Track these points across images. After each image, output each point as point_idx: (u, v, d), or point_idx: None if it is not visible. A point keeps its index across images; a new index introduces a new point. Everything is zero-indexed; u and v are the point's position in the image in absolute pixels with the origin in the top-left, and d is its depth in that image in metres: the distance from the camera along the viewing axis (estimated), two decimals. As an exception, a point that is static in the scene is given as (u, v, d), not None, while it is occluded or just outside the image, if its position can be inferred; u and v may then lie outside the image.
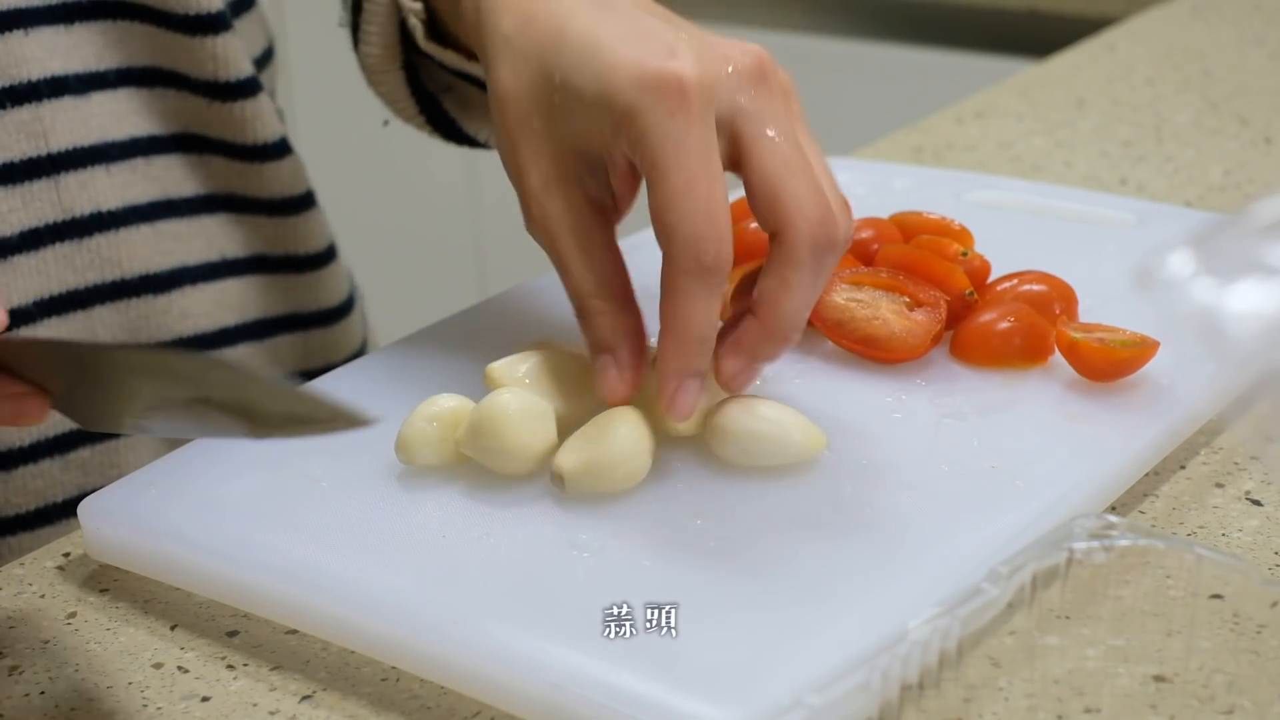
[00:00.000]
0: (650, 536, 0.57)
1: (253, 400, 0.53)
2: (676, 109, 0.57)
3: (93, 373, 0.56)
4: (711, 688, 0.50)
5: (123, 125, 0.78)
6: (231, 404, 0.53)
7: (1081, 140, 1.07)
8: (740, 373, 0.61)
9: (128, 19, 0.77)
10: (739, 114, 0.59)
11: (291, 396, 0.54)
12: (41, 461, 0.77)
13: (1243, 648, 0.53)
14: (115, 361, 0.56)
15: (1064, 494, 0.59)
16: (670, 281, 0.58)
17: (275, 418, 0.53)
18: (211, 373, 0.54)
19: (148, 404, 0.56)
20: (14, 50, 0.73)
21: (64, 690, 0.56)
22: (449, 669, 0.53)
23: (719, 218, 0.57)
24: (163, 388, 0.55)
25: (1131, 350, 0.66)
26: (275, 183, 0.84)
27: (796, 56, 1.97)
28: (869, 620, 0.52)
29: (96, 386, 0.57)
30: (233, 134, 0.81)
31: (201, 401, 0.54)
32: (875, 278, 0.70)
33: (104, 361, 0.56)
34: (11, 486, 0.76)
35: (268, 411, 0.53)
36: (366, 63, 0.79)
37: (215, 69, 0.79)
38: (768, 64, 0.60)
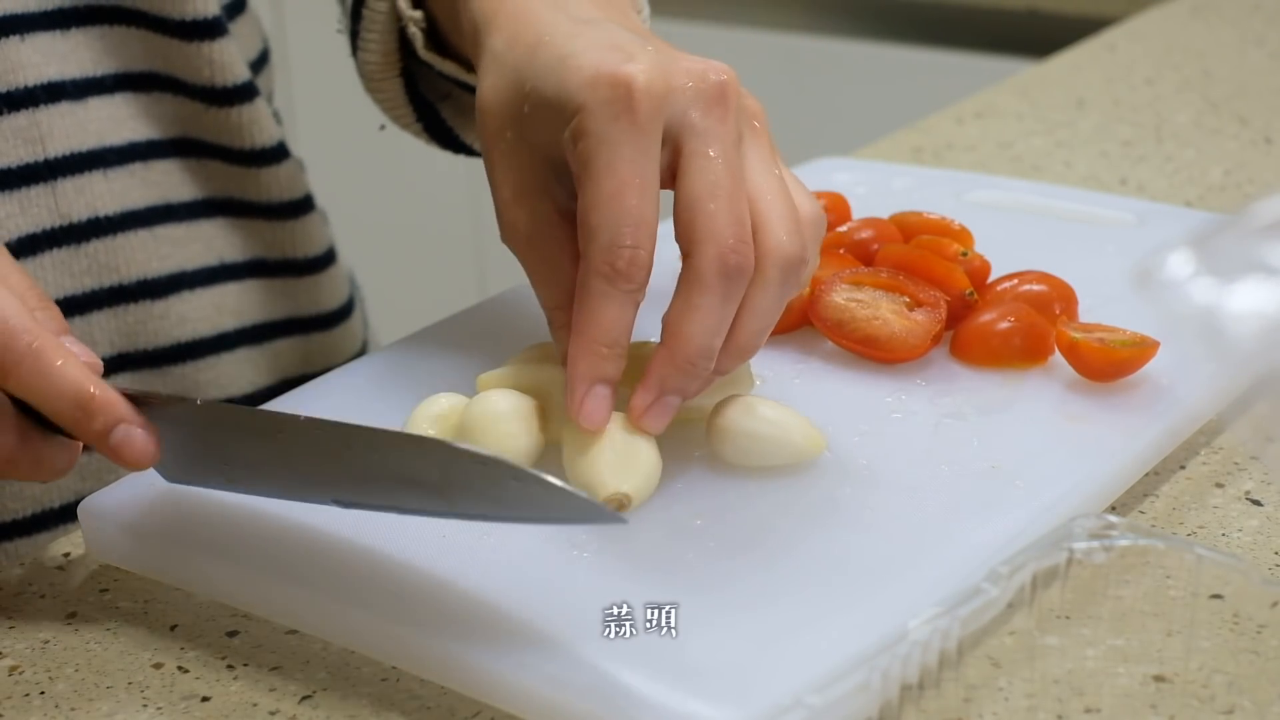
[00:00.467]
0: (650, 536, 0.57)
1: (478, 484, 0.52)
2: (622, 112, 0.57)
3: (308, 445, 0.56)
4: (711, 688, 0.50)
5: (120, 130, 0.78)
6: (441, 485, 0.53)
7: (1081, 140, 1.07)
8: (648, 407, 0.59)
9: (124, 24, 0.77)
10: (685, 129, 0.59)
11: (539, 489, 0.52)
12: None
13: (1243, 648, 0.53)
14: (369, 440, 0.55)
15: (1064, 494, 0.59)
16: (585, 284, 0.58)
17: (506, 503, 0.52)
18: (448, 457, 0.53)
19: (351, 479, 0.55)
20: (10, 56, 0.73)
21: (64, 690, 0.56)
22: (449, 669, 0.53)
23: (642, 228, 0.57)
24: (384, 467, 0.54)
25: (1131, 350, 0.66)
26: (273, 187, 0.84)
27: (796, 56, 1.97)
28: (869, 620, 0.52)
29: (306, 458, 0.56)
30: (230, 139, 0.81)
31: (407, 481, 0.54)
32: (875, 278, 0.70)
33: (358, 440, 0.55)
34: (8, 492, 0.76)
35: (497, 498, 0.52)
36: (365, 70, 0.79)
37: (212, 74, 0.79)
38: (731, 87, 0.59)
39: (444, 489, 0.53)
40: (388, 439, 0.54)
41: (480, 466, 0.52)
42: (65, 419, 0.56)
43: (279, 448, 0.57)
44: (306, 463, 0.56)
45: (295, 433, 0.56)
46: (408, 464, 0.54)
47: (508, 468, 0.52)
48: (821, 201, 0.81)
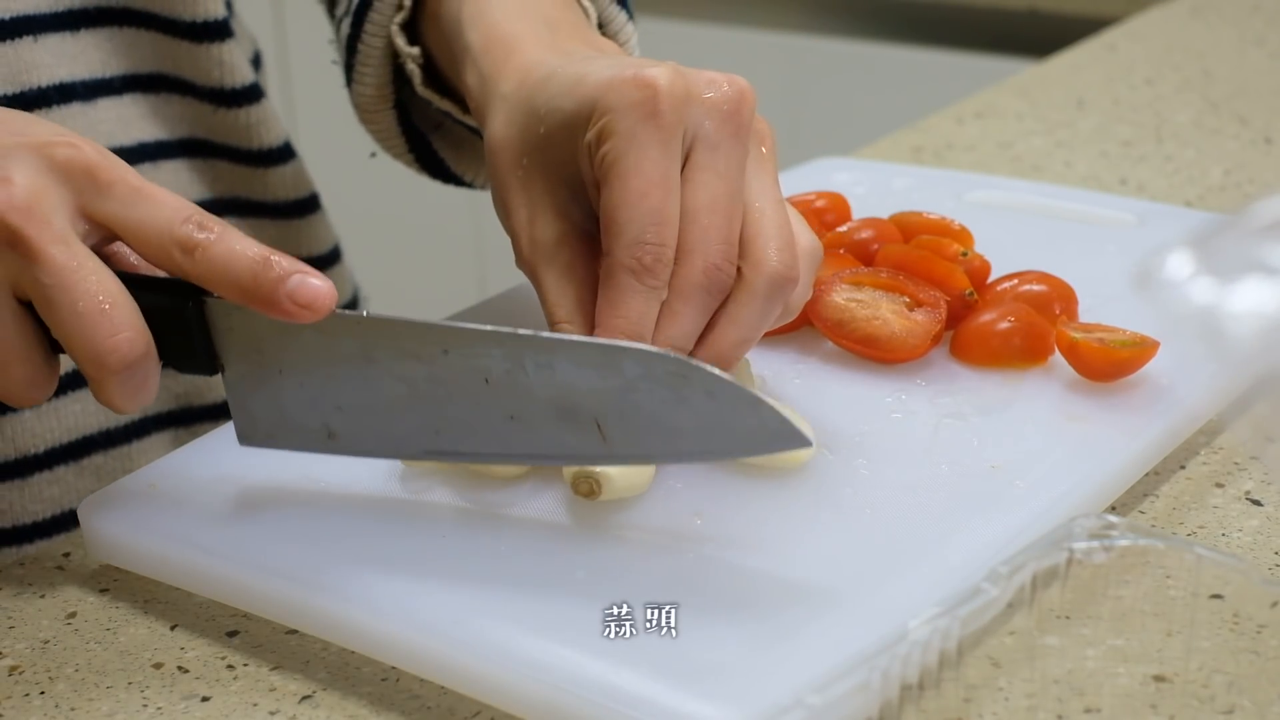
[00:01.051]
0: (650, 536, 0.57)
1: (660, 405, 0.52)
2: (649, 113, 0.59)
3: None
4: (711, 688, 0.50)
5: (129, 131, 0.78)
6: (607, 412, 0.53)
7: (1081, 140, 1.07)
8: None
9: (133, 26, 0.78)
10: (699, 139, 0.60)
11: (742, 403, 0.52)
12: (57, 468, 0.77)
13: (1243, 648, 0.53)
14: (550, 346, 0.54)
15: (1064, 494, 0.59)
16: (610, 278, 0.59)
17: (683, 432, 0.53)
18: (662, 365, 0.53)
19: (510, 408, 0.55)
20: (24, 57, 0.73)
21: (64, 690, 0.56)
22: (449, 669, 0.53)
23: (667, 226, 0.58)
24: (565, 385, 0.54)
25: (1131, 350, 0.66)
26: (280, 187, 0.84)
27: (796, 56, 1.97)
28: (869, 620, 0.52)
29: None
30: (238, 139, 0.81)
31: (564, 411, 0.54)
32: (875, 278, 0.70)
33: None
34: (28, 494, 0.76)
35: (676, 425, 0.52)
36: (359, 102, 0.80)
37: (221, 76, 0.80)
38: (748, 102, 0.61)
39: (609, 420, 0.53)
40: (575, 350, 0.54)
41: (677, 380, 0.52)
42: (246, 281, 0.56)
43: (430, 374, 0.56)
44: (450, 396, 0.56)
45: (462, 349, 0.55)
46: (581, 382, 0.53)
47: (707, 378, 0.52)
48: (823, 201, 0.82)
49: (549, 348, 0.54)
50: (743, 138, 0.61)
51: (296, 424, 0.59)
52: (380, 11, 0.76)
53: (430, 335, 0.56)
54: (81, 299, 0.55)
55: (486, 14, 0.69)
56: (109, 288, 0.56)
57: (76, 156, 0.56)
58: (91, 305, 0.55)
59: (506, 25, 0.68)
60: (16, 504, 0.76)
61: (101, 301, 0.55)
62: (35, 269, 0.55)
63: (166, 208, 0.57)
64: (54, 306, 0.55)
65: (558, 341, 0.55)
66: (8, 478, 0.75)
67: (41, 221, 0.55)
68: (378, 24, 0.76)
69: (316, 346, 0.57)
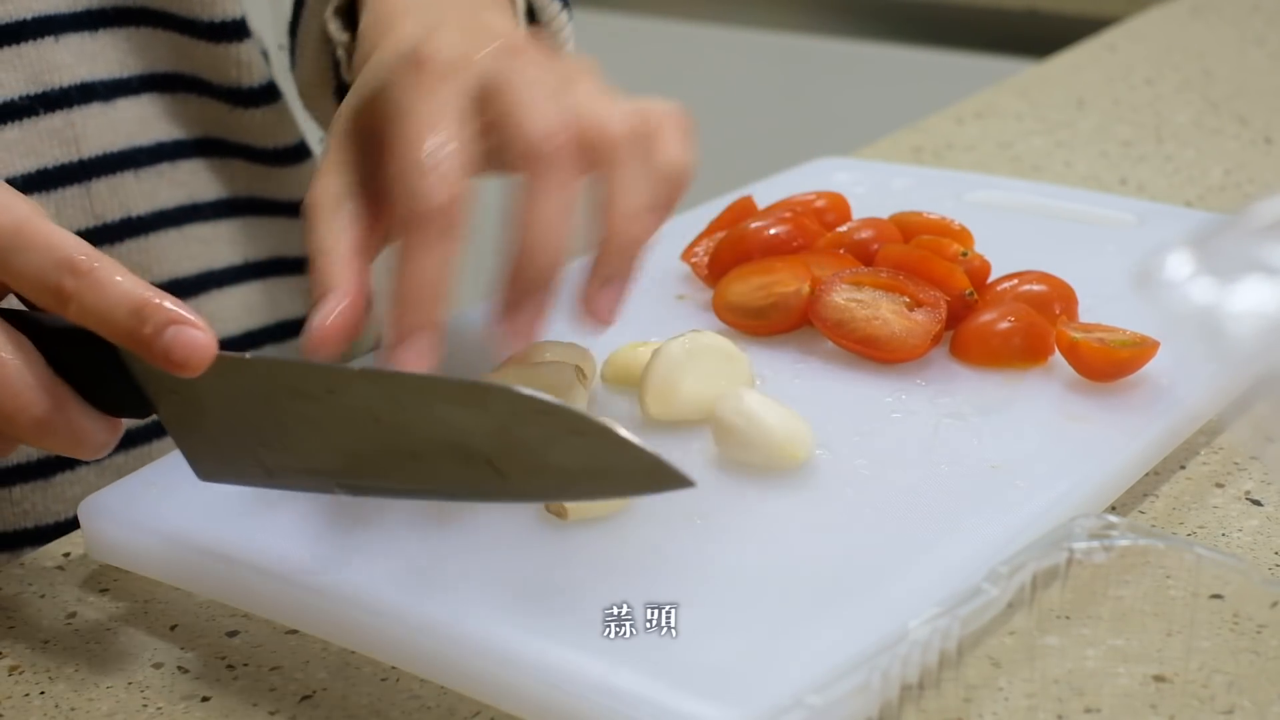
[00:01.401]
0: (650, 536, 0.57)
1: (536, 444, 0.51)
2: (418, 80, 0.58)
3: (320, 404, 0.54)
4: (711, 688, 0.50)
5: (148, 131, 0.78)
6: (495, 450, 0.51)
7: (1081, 140, 1.07)
8: (517, 310, 0.58)
9: (150, 25, 0.78)
10: (497, 80, 0.58)
11: (609, 443, 0.50)
12: (79, 468, 0.77)
13: (1243, 648, 0.53)
14: (415, 387, 0.53)
15: (1064, 494, 0.59)
16: (401, 237, 0.57)
17: (566, 471, 0.51)
18: (523, 407, 0.51)
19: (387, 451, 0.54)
20: (46, 57, 0.74)
21: (64, 690, 0.56)
22: (449, 669, 0.53)
23: (443, 172, 0.56)
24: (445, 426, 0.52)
25: (1131, 350, 0.66)
26: (294, 186, 0.85)
27: (796, 56, 1.97)
28: (869, 620, 0.52)
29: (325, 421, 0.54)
30: (254, 138, 0.82)
31: (455, 449, 0.52)
32: (875, 278, 0.70)
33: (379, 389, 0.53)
34: (51, 494, 0.76)
35: (557, 463, 0.51)
36: (300, 87, 0.80)
37: (239, 75, 0.80)
38: (530, 45, 0.60)
39: (500, 458, 0.52)
40: (444, 389, 0.52)
41: (542, 417, 0.50)
42: (122, 330, 0.53)
43: (325, 410, 0.54)
44: (351, 435, 0.54)
45: (344, 390, 0.54)
46: (461, 421, 0.52)
47: (571, 417, 0.50)
48: (823, 201, 0.82)
49: (421, 386, 0.53)
50: (539, 64, 0.59)
51: (234, 461, 0.57)
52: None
53: (312, 375, 0.55)
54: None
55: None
56: (1, 351, 0.54)
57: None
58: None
59: (392, 4, 0.67)
60: (40, 504, 0.76)
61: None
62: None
63: (42, 250, 0.54)
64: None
65: (428, 380, 0.53)
66: (31, 478, 0.76)
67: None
68: (314, 10, 0.76)
69: (218, 387, 0.55)
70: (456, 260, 0.57)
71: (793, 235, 0.76)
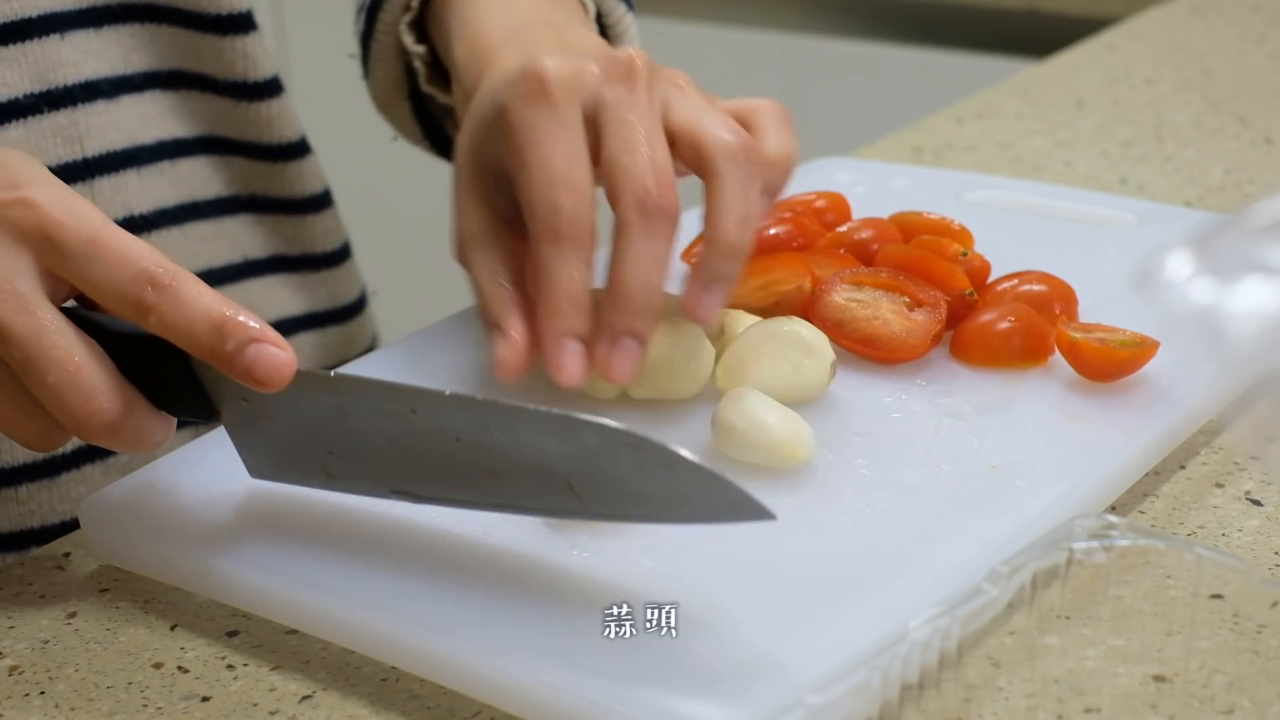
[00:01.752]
0: (650, 536, 0.57)
1: (624, 474, 0.53)
2: (536, 99, 0.61)
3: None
4: (711, 688, 0.50)
5: (150, 128, 0.78)
6: (577, 475, 0.53)
7: (1081, 140, 1.07)
8: (606, 353, 0.61)
9: (155, 21, 0.79)
10: (600, 107, 0.62)
11: (700, 479, 0.52)
12: (84, 467, 0.77)
13: (1243, 648, 0.53)
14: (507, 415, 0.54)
15: (1064, 494, 0.59)
16: (537, 256, 0.60)
17: (648, 499, 0.53)
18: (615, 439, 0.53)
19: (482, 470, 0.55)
20: (51, 55, 0.74)
21: (64, 690, 0.56)
22: (449, 669, 0.53)
23: (576, 191, 0.60)
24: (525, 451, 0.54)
25: (1131, 350, 0.66)
26: (295, 182, 0.85)
27: (796, 56, 1.97)
28: (869, 620, 0.52)
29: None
30: (257, 134, 0.82)
31: (536, 471, 0.54)
32: (875, 278, 0.70)
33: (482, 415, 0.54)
34: (56, 493, 0.76)
35: (639, 491, 0.53)
36: (375, 94, 0.83)
37: (245, 69, 0.81)
38: (638, 63, 0.63)
39: (580, 482, 0.54)
40: (535, 419, 0.54)
41: (634, 451, 0.52)
42: (202, 345, 0.55)
43: (404, 429, 0.56)
44: (428, 450, 0.56)
45: (429, 412, 0.55)
46: (547, 447, 0.54)
47: (663, 452, 0.52)
48: (823, 201, 0.82)
49: (510, 415, 0.54)
50: (640, 89, 0.62)
51: (295, 465, 0.59)
52: (389, 11, 0.78)
53: (398, 396, 0.56)
54: (50, 370, 0.55)
55: (470, 25, 0.71)
56: (78, 353, 0.55)
57: (27, 217, 0.55)
58: (60, 376, 0.55)
59: (484, 36, 0.70)
60: (45, 504, 0.76)
61: (69, 370, 0.55)
62: (3, 342, 0.55)
63: (119, 263, 0.55)
64: (27, 378, 0.55)
65: (518, 410, 0.54)
66: (36, 478, 0.76)
67: (3, 294, 0.54)
68: (387, 23, 0.79)
69: (295, 400, 0.57)
70: (589, 273, 0.61)
71: (793, 235, 0.76)
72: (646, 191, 0.60)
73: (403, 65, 0.81)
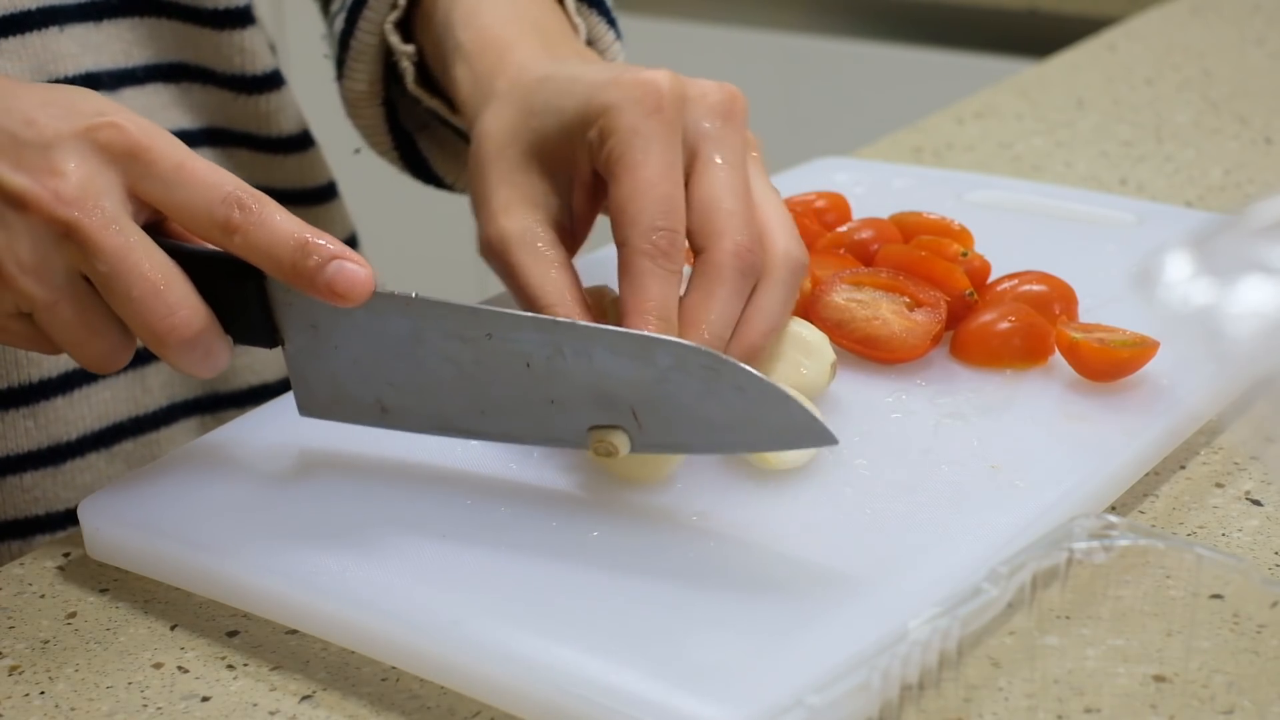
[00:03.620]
0: (650, 536, 0.57)
1: (692, 397, 0.54)
2: (653, 111, 0.61)
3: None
4: (711, 688, 0.50)
5: (154, 121, 0.79)
6: (642, 401, 0.55)
7: (1081, 140, 1.07)
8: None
9: (155, 15, 0.79)
10: (700, 136, 0.62)
11: (769, 400, 0.54)
12: (89, 454, 0.77)
13: (1243, 648, 0.53)
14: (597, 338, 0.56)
15: (1064, 494, 0.59)
16: (630, 265, 0.60)
17: (712, 424, 0.55)
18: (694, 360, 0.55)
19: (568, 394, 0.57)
20: (51, 47, 0.74)
21: (64, 690, 0.56)
22: (449, 669, 0.53)
23: (677, 213, 0.60)
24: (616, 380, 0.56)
25: (1131, 350, 0.66)
26: (299, 174, 0.85)
27: (797, 56, 1.97)
28: (869, 620, 0.52)
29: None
30: (258, 126, 0.82)
31: (599, 397, 0.56)
32: (875, 278, 0.70)
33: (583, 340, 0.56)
34: (60, 481, 0.77)
35: (705, 416, 0.55)
36: (349, 96, 0.81)
37: (243, 63, 0.81)
38: (740, 104, 0.64)
39: (644, 409, 0.56)
40: (612, 339, 0.56)
41: (708, 372, 0.54)
42: (285, 263, 0.57)
43: (476, 353, 0.58)
44: (495, 377, 0.58)
45: (505, 335, 0.57)
46: (618, 371, 0.56)
47: (737, 372, 0.54)
48: (823, 201, 0.82)
49: (588, 335, 0.56)
50: (740, 133, 0.63)
51: (351, 398, 0.61)
52: (375, 9, 0.77)
53: (475, 319, 0.58)
54: (136, 284, 0.57)
55: (478, 16, 0.71)
56: (162, 270, 0.57)
57: (118, 138, 0.57)
58: (145, 289, 0.57)
59: (499, 28, 0.70)
60: (49, 491, 0.77)
61: (155, 284, 0.57)
62: (91, 257, 0.57)
63: (205, 187, 0.58)
64: (111, 291, 0.57)
65: (596, 330, 0.57)
66: (40, 465, 0.76)
67: (92, 209, 0.56)
68: (372, 21, 0.78)
69: (368, 325, 0.59)
70: (679, 290, 0.61)
71: (793, 235, 0.76)
72: (746, 248, 0.61)
73: (381, 67, 0.80)
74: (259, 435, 0.66)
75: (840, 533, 0.57)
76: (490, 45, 0.69)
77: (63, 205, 0.56)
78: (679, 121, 0.62)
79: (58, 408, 0.76)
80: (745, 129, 0.63)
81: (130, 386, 0.79)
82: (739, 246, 0.60)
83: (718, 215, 0.61)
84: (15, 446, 0.76)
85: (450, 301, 0.58)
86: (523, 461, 0.62)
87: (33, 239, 0.56)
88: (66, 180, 0.56)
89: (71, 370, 0.76)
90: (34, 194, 0.56)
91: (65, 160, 0.57)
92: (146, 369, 0.80)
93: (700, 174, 0.62)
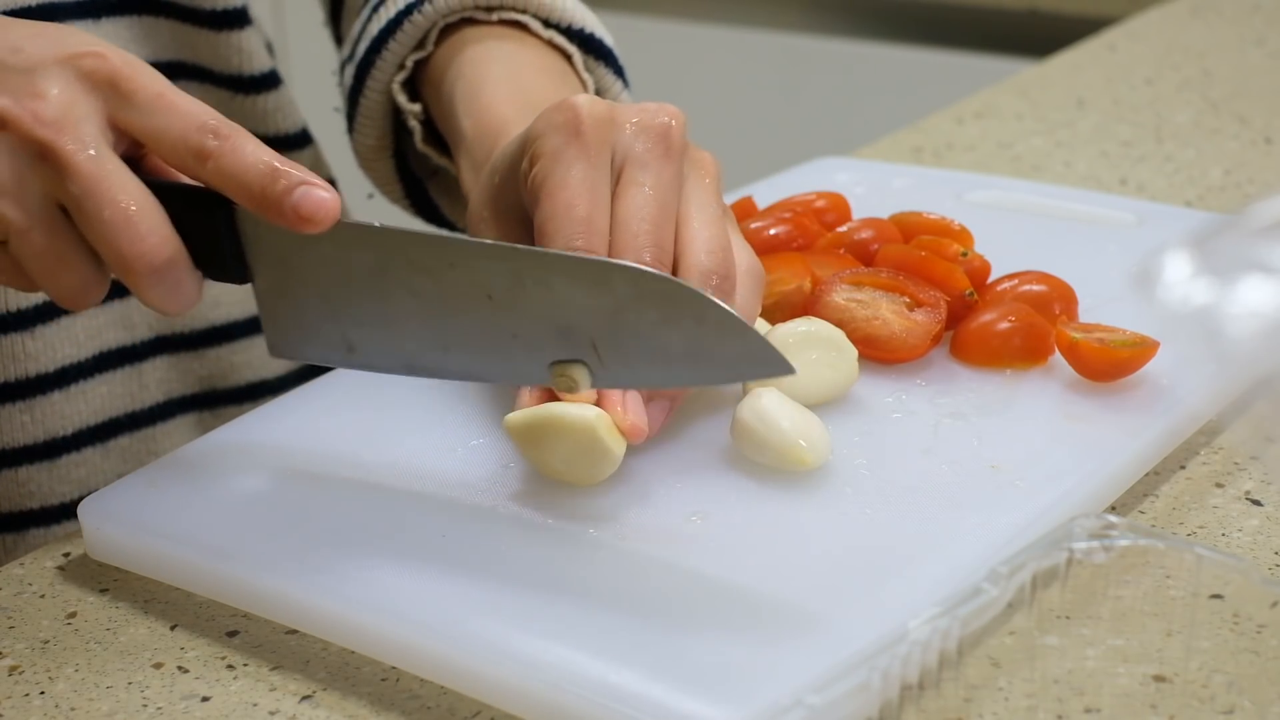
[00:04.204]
0: (650, 535, 0.57)
1: (650, 326, 0.54)
2: (572, 133, 0.61)
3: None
4: (711, 688, 0.50)
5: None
6: (602, 333, 0.55)
7: (1081, 140, 1.07)
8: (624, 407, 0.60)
9: (153, 14, 0.79)
10: (629, 159, 0.62)
11: (725, 329, 0.54)
12: (84, 449, 0.77)
13: (1243, 648, 0.53)
14: (549, 264, 0.56)
15: (1064, 494, 0.59)
16: None
17: (670, 355, 0.55)
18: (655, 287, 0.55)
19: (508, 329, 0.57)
20: None
21: (64, 690, 0.56)
22: (449, 669, 0.53)
23: (595, 235, 0.60)
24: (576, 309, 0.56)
25: (1131, 350, 0.66)
26: None
27: (796, 56, 1.97)
28: (869, 620, 0.52)
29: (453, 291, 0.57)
30: (254, 126, 0.83)
31: (560, 331, 0.56)
32: (875, 278, 0.70)
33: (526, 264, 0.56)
34: (56, 475, 0.77)
35: (663, 347, 0.54)
36: (360, 151, 0.83)
37: (240, 63, 0.81)
38: (677, 127, 0.63)
39: (604, 341, 0.56)
40: (569, 265, 0.56)
41: (664, 300, 0.54)
42: (254, 189, 0.57)
43: (438, 285, 0.58)
44: (458, 311, 0.58)
45: (466, 265, 0.57)
46: (577, 300, 0.56)
47: (694, 300, 0.54)
48: (823, 201, 0.82)
49: (546, 263, 0.57)
50: (673, 158, 0.63)
51: (319, 336, 0.61)
52: (382, 70, 0.79)
53: (438, 248, 0.58)
54: (107, 207, 0.57)
55: (479, 96, 0.73)
56: (135, 195, 0.57)
57: (101, 67, 0.58)
58: (117, 213, 0.57)
59: (498, 108, 0.72)
60: (45, 485, 0.77)
61: (127, 208, 0.57)
62: (65, 179, 0.57)
63: (183, 115, 0.58)
64: (83, 214, 0.57)
65: (555, 257, 0.57)
66: (36, 459, 0.76)
67: (70, 133, 0.57)
68: (380, 81, 0.80)
69: (333, 258, 0.59)
70: None
71: (793, 235, 0.76)
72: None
73: (390, 123, 0.81)
74: (259, 435, 0.66)
75: (840, 532, 0.57)
76: (488, 131, 0.71)
77: (41, 126, 0.56)
78: (604, 144, 0.62)
79: (54, 402, 0.76)
80: (678, 150, 0.63)
81: (127, 382, 0.79)
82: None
83: (624, 235, 0.61)
84: (11, 440, 0.76)
85: (415, 230, 0.58)
86: (522, 461, 0.62)
87: (11, 158, 0.57)
88: (47, 103, 0.57)
89: (68, 365, 0.76)
90: (14, 114, 0.56)
91: (48, 85, 0.57)
92: (144, 365, 0.80)
93: (619, 194, 0.62)
